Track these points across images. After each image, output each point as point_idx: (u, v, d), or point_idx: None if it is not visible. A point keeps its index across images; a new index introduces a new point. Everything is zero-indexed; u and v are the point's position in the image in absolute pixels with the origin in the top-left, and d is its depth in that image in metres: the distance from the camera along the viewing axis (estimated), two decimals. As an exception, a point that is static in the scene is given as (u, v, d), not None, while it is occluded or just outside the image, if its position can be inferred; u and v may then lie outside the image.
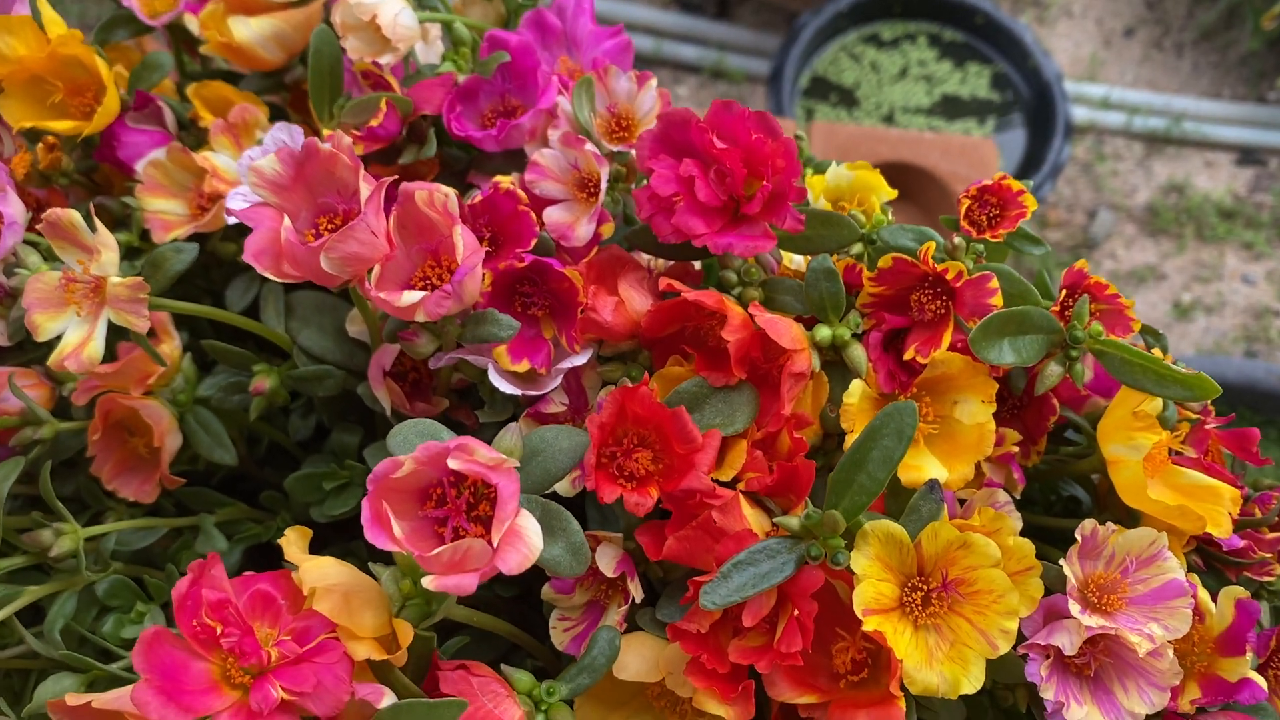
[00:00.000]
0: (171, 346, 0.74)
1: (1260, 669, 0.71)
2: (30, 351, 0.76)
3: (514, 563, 0.53)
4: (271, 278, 0.60)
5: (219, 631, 0.56)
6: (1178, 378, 0.66)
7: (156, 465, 0.73)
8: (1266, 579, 0.75)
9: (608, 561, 0.65)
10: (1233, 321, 2.58)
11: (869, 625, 0.61)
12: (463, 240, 0.61)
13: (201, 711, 0.54)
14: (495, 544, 0.53)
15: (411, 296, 0.60)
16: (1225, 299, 2.61)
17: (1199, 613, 0.67)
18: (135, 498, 0.73)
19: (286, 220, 0.59)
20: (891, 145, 1.52)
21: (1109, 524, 0.65)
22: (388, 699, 0.57)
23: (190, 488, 0.78)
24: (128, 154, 0.77)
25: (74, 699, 0.61)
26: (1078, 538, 0.64)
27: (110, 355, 0.73)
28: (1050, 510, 0.84)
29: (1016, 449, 0.72)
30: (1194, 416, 0.76)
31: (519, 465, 0.59)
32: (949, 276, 0.67)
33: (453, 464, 0.53)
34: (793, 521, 0.61)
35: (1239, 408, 1.99)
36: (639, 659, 0.65)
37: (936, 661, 0.62)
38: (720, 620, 0.64)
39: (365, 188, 0.59)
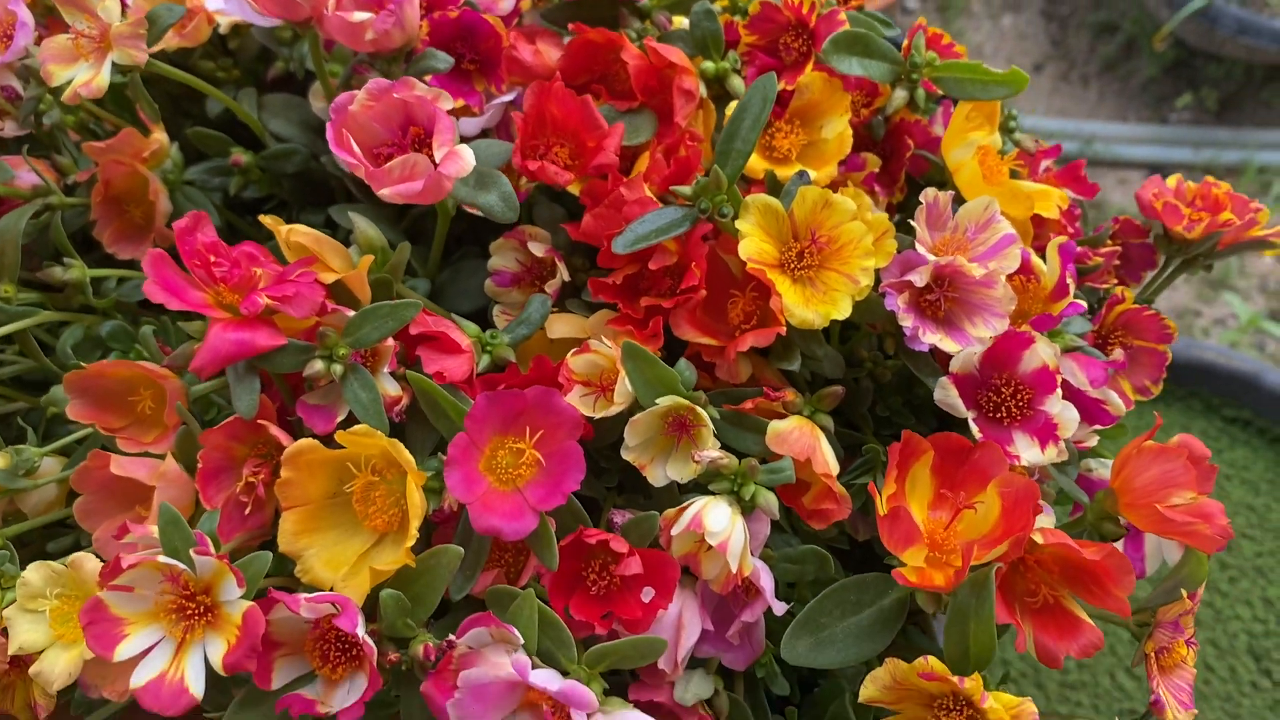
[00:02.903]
0: (160, 135, 0.87)
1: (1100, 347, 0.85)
2: (39, 150, 0.88)
3: (454, 169, 0.66)
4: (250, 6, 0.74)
5: (212, 260, 0.67)
6: (997, 78, 0.81)
7: (151, 229, 0.85)
8: (1104, 286, 0.89)
9: (538, 246, 0.78)
10: (1157, 322, 2.73)
11: (753, 266, 0.73)
12: (402, -28, 0.75)
13: (199, 309, 0.66)
14: (438, 160, 0.66)
15: (361, 15, 0.74)
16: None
17: (1034, 274, 0.80)
18: (133, 257, 0.85)
19: (258, -47, 0.73)
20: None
21: (949, 190, 0.79)
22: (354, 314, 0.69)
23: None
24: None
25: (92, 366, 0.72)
26: (921, 201, 0.78)
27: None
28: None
29: (876, 171, 0.86)
30: (1027, 160, 0.90)
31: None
32: (805, 10, 0.82)
33: (397, 94, 0.66)
34: (686, 189, 0.75)
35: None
36: (566, 324, 0.77)
37: (811, 304, 0.75)
38: (631, 279, 0.77)
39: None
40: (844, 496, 0.74)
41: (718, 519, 0.67)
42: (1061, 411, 0.72)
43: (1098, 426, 0.78)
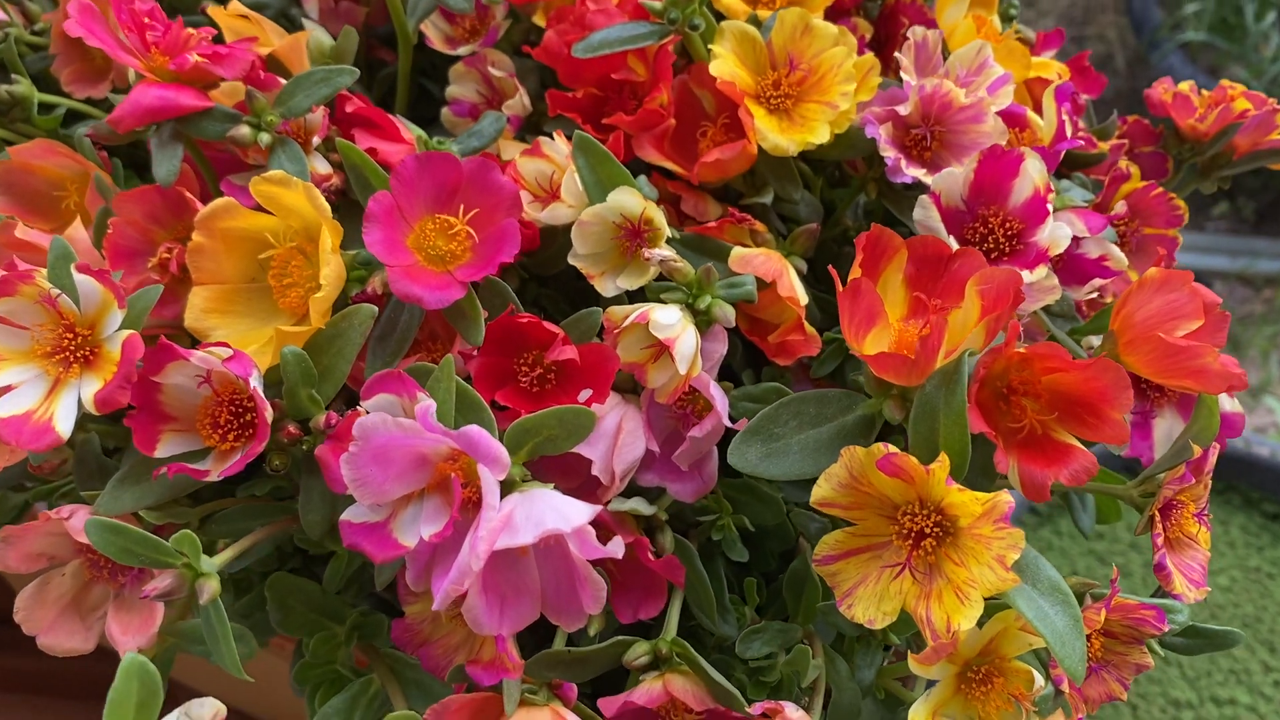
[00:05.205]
0: (133, -17, 0.85)
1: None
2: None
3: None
4: None
5: (145, 22, 0.64)
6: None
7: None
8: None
9: (499, 70, 0.74)
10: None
11: (723, 84, 0.69)
12: None
13: (124, 62, 0.62)
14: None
15: None
16: (1190, 403, 2.69)
17: (1030, 125, 0.75)
18: (89, 95, 0.82)
19: None
20: None
21: (937, 31, 0.74)
22: (290, 83, 0.65)
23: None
24: None
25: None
26: (909, 39, 0.73)
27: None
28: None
29: (868, 39, 0.82)
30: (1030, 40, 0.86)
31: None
32: None
33: None
34: (655, 3, 0.71)
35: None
36: (521, 148, 0.72)
37: (785, 132, 0.70)
38: (595, 101, 0.72)
39: None
40: (813, 334, 0.67)
41: (667, 314, 0.60)
42: (1052, 233, 0.65)
43: (1097, 281, 0.71)
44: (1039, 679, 0.57)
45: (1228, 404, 0.72)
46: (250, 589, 0.70)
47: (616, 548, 0.54)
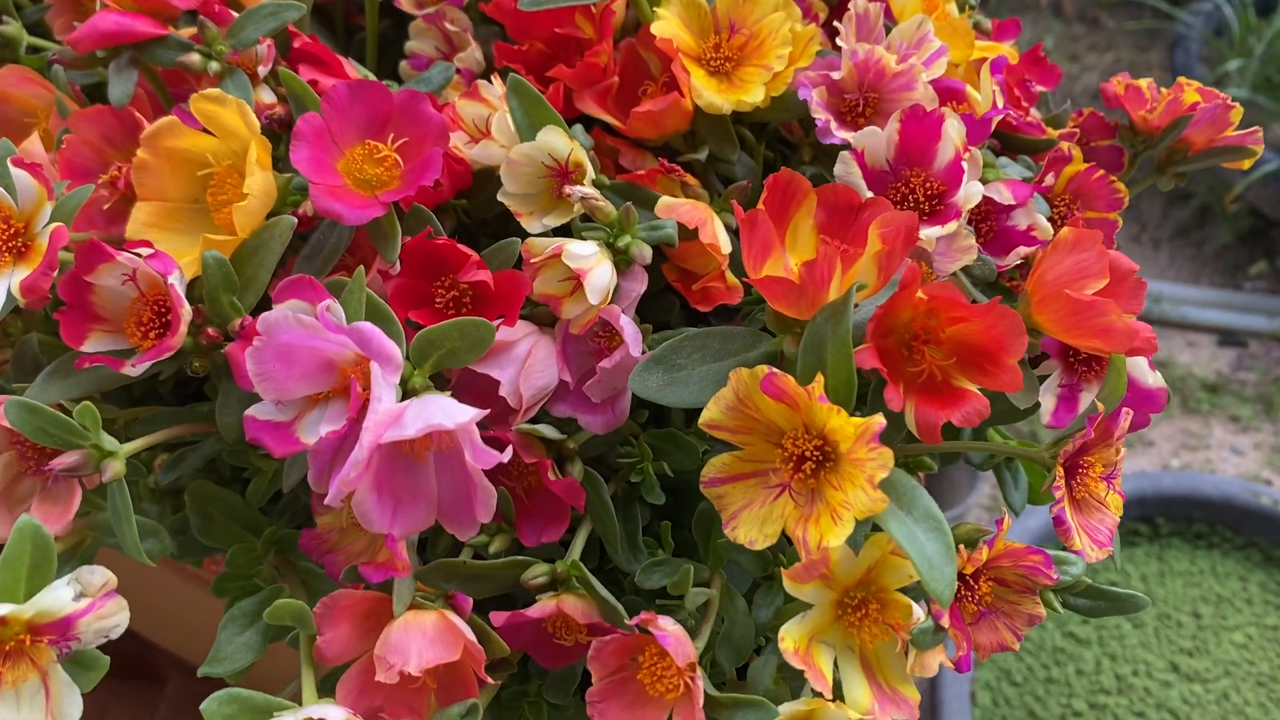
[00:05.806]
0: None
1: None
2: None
3: None
4: None
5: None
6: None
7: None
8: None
9: (454, 25, 0.77)
10: (1225, 488, 2.60)
11: (662, 41, 0.71)
12: None
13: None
14: None
15: None
16: (1215, 467, 2.64)
17: (968, 100, 0.76)
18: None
19: None
20: None
21: (879, 3, 0.76)
22: None
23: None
24: None
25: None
26: (850, 9, 0.75)
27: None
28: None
29: (822, 18, 0.84)
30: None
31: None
32: None
33: None
34: (602, -38, 0.74)
35: (1217, 525, 1.98)
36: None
37: (723, 92, 0.73)
38: (543, 58, 0.75)
39: None
40: (735, 283, 0.69)
41: (583, 247, 0.63)
42: (966, 190, 0.67)
43: (1022, 249, 0.73)
44: (918, 612, 0.58)
45: (1150, 379, 0.73)
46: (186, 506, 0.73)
47: (506, 454, 0.55)
